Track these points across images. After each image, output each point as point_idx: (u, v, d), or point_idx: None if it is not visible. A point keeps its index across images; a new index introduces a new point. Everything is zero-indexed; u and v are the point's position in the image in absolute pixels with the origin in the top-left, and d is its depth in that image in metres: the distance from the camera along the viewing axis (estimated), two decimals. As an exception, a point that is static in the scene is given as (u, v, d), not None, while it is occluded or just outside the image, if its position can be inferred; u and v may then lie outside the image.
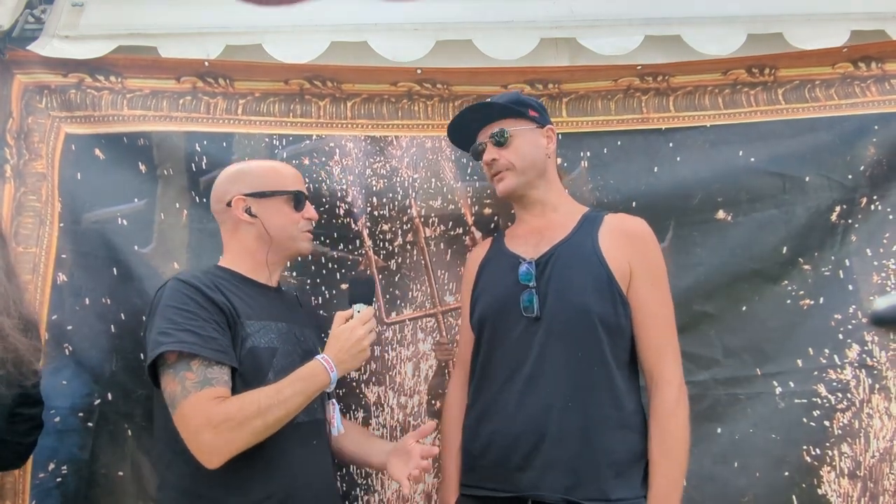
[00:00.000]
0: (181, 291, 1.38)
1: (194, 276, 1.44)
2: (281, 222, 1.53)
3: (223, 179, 1.58)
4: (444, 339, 1.91)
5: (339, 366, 1.41)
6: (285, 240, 1.55)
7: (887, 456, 1.81)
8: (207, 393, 1.29)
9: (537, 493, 1.42)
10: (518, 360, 1.50)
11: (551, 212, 1.65)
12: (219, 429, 1.26)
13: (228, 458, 1.29)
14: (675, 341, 1.53)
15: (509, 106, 1.63)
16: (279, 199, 1.54)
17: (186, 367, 1.30)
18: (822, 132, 1.96)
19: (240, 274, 1.52)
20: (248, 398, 1.31)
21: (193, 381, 1.29)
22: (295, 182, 1.59)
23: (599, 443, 1.42)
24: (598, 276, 1.50)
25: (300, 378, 1.37)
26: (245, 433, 1.28)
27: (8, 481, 1.74)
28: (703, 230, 1.92)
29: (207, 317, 1.36)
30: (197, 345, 1.31)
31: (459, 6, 2.04)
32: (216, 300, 1.39)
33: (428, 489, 1.84)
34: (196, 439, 1.28)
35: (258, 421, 1.29)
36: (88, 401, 1.81)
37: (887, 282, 1.88)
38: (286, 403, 1.32)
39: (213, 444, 1.27)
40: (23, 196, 1.91)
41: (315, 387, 1.38)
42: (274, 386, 1.34)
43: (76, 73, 1.95)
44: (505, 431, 1.48)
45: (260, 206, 1.52)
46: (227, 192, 1.54)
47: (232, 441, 1.28)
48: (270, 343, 1.45)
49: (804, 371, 1.85)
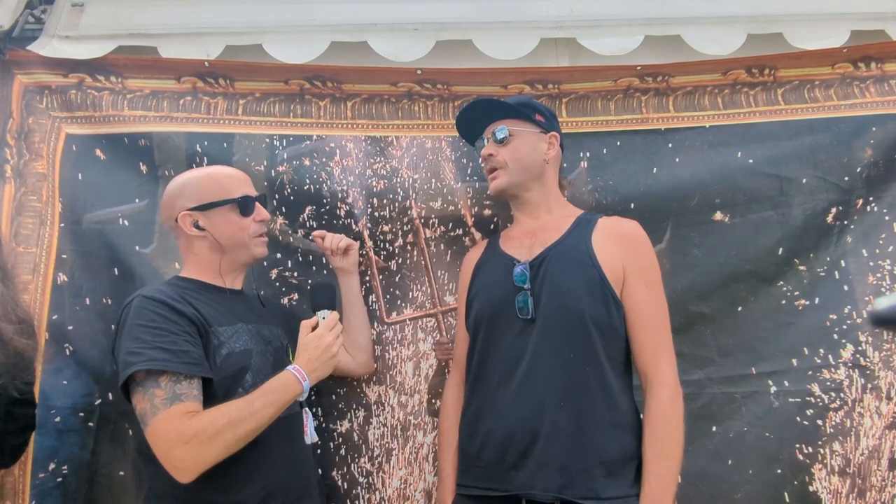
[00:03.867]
0: (147, 308, 1.37)
1: (159, 290, 1.43)
2: (230, 231, 1.52)
3: (168, 195, 1.56)
4: (444, 339, 1.93)
5: (311, 374, 1.41)
6: (237, 248, 1.54)
7: (875, 453, 1.84)
8: (177, 409, 1.29)
9: (530, 492, 1.44)
10: (513, 361, 1.52)
11: (546, 214, 1.67)
12: (190, 444, 1.27)
13: (200, 472, 1.29)
14: (669, 342, 1.54)
15: (514, 106, 1.65)
16: (224, 209, 1.52)
17: (155, 384, 1.30)
18: (820, 134, 1.97)
19: (203, 282, 1.52)
20: (217, 412, 1.31)
21: (162, 398, 1.29)
22: (240, 187, 1.56)
23: (592, 441, 1.44)
24: (590, 278, 1.52)
25: (271, 390, 1.37)
26: (216, 447, 1.28)
27: (8, 481, 1.75)
28: (700, 231, 1.94)
29: (178, 329, 1.36)
30: (168, 361, 1.31)
31: (459, 6, 2.04)
32: (185, 312, 1.38)
33: (428, 487, 1.87)
34: (168, 455, 1.28)
35: (229, 434, 1.29)
36: (89, 400, 1.82)
37: (882, 282, 1.90)
38: (257, 415, 1.32)
39: (184, 459, 1.27)
40: (23, 196, 1.92)
41: (287, 397, 1.38)
42: (245, 398, 1.34)
43: (76, 73, 1.95)
44: (499, 430, 1.49)
45: (206, 219, 1.51)
46: (174, 207, 1.53)
47: (203, 455, 1.28)
48: (245, 345, 1.46)
49: (799, 370, 1.88)
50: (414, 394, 1.91)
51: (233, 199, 1.53)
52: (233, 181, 1.57)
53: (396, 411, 1.90)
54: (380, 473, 1.87)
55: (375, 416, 1.89)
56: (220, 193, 1.53)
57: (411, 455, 1.88)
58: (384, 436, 1.88)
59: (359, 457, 1.88)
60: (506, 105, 1.66)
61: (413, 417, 1.90)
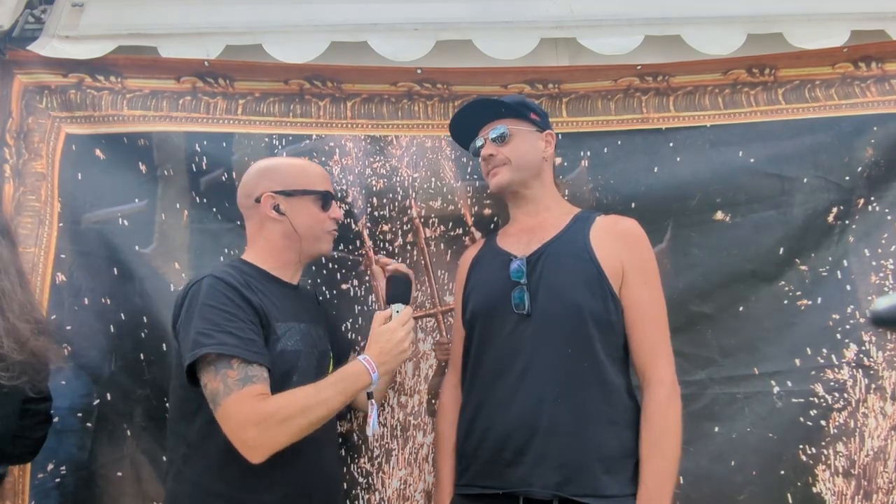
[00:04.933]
0: (219, 290, 1.38)
1: (229, 273, 1.43)
2: (308, 222, 1.55)
3: (253, 174, 1.58)
4: (444, 339, 1.92)
5: (381, 367, 1.42)
6: (311, 239, 1.56)
7: (881, 455, 1.82)
8: (249, 390, 1.30)
9: (529, 489, 1.43)
10: (509, 357, 1.51)
11: (544, 211, 1.67)
12: (262, 425, 1.28)
13: (270, 454, 1.30)
14: (667, 340, 1.54)
15: (513, 106, 1.65)
16: (308, 199, 1.55)
17: (227, 365, 1.31)
18: (821, 133, 1.97)
19: (265, 271, 1.53)
20: (290, 397, 1.33)
21: (235, 379, 1.31)
22: (323, 182, 1.60)
23: (590, 437, 1.43)
24: (588, 273, 1.51)
25: (342, 378, 1.38)
26: (287, 430, 1.30)
27: (8, 481, 1.74)
28: (701, 230, 1.93)
29: (245, 318, 1.37)
30: (238, 347, 1.32)
31: (459, 6, 2.04)
32: (253, 301, 1.40)
33: (428, 487, 1.85)
34: (240, 435, 1.29)
35: (301, 419, 1.31)
36: (87, 401, 1.82)
37: (885, 282, 1.89)
38: (327, 403, 1.34)
39: (257, 440, 1.28)
40: (22, 196, 1.92)
41: (357, 387, 1.39)
42: (314, 386, 1.36)
43: (76, 73, 1.95)
44: (497, 426, 1.48)
45: (288, 204, 1.53)
46: (257, 187, 1.55)
47: (274, 437, 1.29)
48: (296, 346, 1.47)
49: (802, 371, 1.86)
50: (414, 394, 1.90)
51: (317, 191, 1.56)
52: (319, 175, 1.61)
53: (396, 412, 1.89)
54: (379, 474, 1.86)
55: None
56: (307, 183, 1.56)
57: (411, 455, 1.87)
58: (384, 436, 1.87)
59: (358, 457, 1.86)
60: (503, 104, 1.66)
61: (413, 418, 1.89)
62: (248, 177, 1.59)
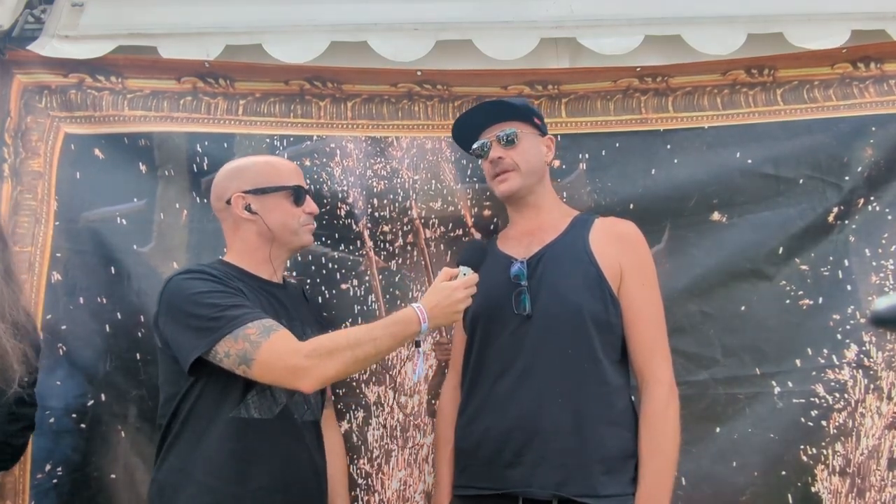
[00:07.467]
0: (197, 279, 1.39)
1: (202, 268, 1.44)
2: (281, 218, 1.53)
3: (222, 177, 1.58)
4: (444, 339, 1.92)
5: (432, 320, 1.40)
6: (287, 235, 1.55)
7: (875, 453, 1.82)
8: (279, 335, 1.32)
9: (528, 490, 1.43)
10: (510, 358, 1.51)
11: (545, 214, 1.67)
12: (309, 356, 1.30)
13: (321, 384, 1.32)
14: (665, 341, 1.54)
15: (521, 108, 1.65)
16: (278, 195, 1.54)
17: (243, 329, 1.32)
18: (819, 134, 1.96)
19: (245, 270, 1.52)
20: (338, 332, 1.38)
21: (258, 333, 1.32)
22: (293, 176, 1.58)
23: (590, 438, 1.43)
24: (588, 274, 1.52)
25: (395, 322, 1.38)
26: (336, 362, 1.31)
27: (8, 481, 1.75)
28: (698, 231, 1.93)
29: (234, 292, 1.39)
30: (247, 315, 1.34)
31: (459, 6, 2.04)
32: (235, 286, 1.41)
33: (427, 488, 1.84)
34: (284, 365, 1.30)
35: (349, 353, 1.31)
36: (82, 402, 1.81)
37: (886, 282, 1.89)
38: (377, 342, 1.34)
39: (305, 367, 1.29)
40: (19, 195, 1.91)
41: (406, 333, 1.38)
42: (365, 325, 1.38)
43: (76, 73, 1.95)
44: (497, 427, 1.48)
45: (259, 203, 1.52)
46: (227, 189, 1.54)
47: (323, 366, 1.30)
48: None
49: (803, 371, 1.86)
50: (414, 394, 1.89)
51: (287, 187, 1.55)
52: (288, 170, 1.59)
53: (396, 412, 1.88)
54: (379, 475, 1.85)
55: (375, 416, 1.87)
56: (276, 180, 1.55)
57: (411, 456, 1.87)
58: (383, 437, 1.87)
59: (358, 458, 1.86)
60: (512, 106, 1.65)
61: (413, 418, 1.88)
62: (218, 179, 1.58)
